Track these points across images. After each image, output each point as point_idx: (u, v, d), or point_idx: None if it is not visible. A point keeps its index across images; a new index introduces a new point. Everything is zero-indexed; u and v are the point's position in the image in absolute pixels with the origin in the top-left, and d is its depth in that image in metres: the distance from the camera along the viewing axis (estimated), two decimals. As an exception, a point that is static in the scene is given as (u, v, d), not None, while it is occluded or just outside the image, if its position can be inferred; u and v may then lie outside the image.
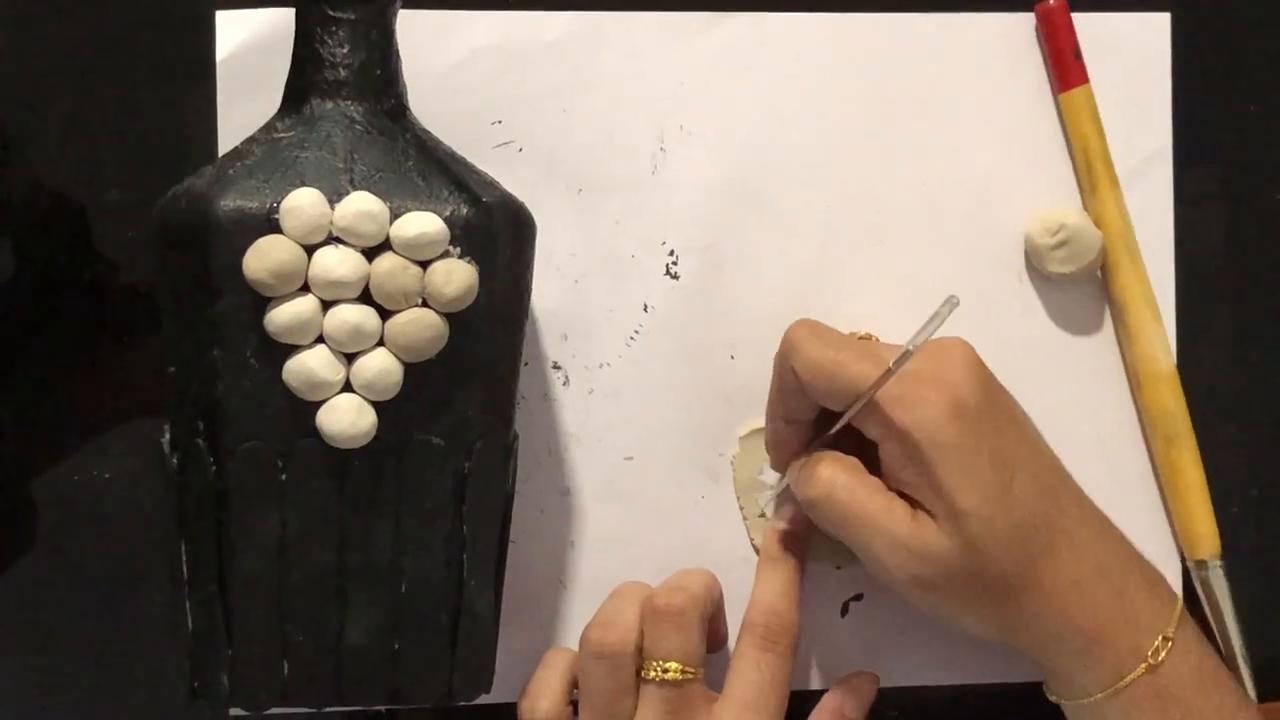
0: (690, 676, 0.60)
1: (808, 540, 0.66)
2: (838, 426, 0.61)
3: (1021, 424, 0.61)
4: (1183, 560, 0.68)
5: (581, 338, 0.67)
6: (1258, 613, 0.68)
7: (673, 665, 0.60)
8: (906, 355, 0.56)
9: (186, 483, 0.56)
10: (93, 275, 0.66)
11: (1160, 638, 0.59)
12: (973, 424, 0.58)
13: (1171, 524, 0.68)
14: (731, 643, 0.66)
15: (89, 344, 0.66)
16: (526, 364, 0.65)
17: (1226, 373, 0.70)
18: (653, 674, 0.60)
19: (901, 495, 0.60)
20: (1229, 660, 0.67)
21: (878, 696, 0.65)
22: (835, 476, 0.60)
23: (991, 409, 0.59)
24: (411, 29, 0.62)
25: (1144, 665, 0.59)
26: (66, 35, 0.66)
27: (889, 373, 0.57)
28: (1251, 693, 0.67)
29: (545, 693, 0.63)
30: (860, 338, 0.64)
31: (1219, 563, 0.67)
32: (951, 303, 0.56)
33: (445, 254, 0.54)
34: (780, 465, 0.65)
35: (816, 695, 0.66)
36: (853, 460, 0.62)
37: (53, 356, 0.65)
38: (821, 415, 0.63)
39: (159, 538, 0.64)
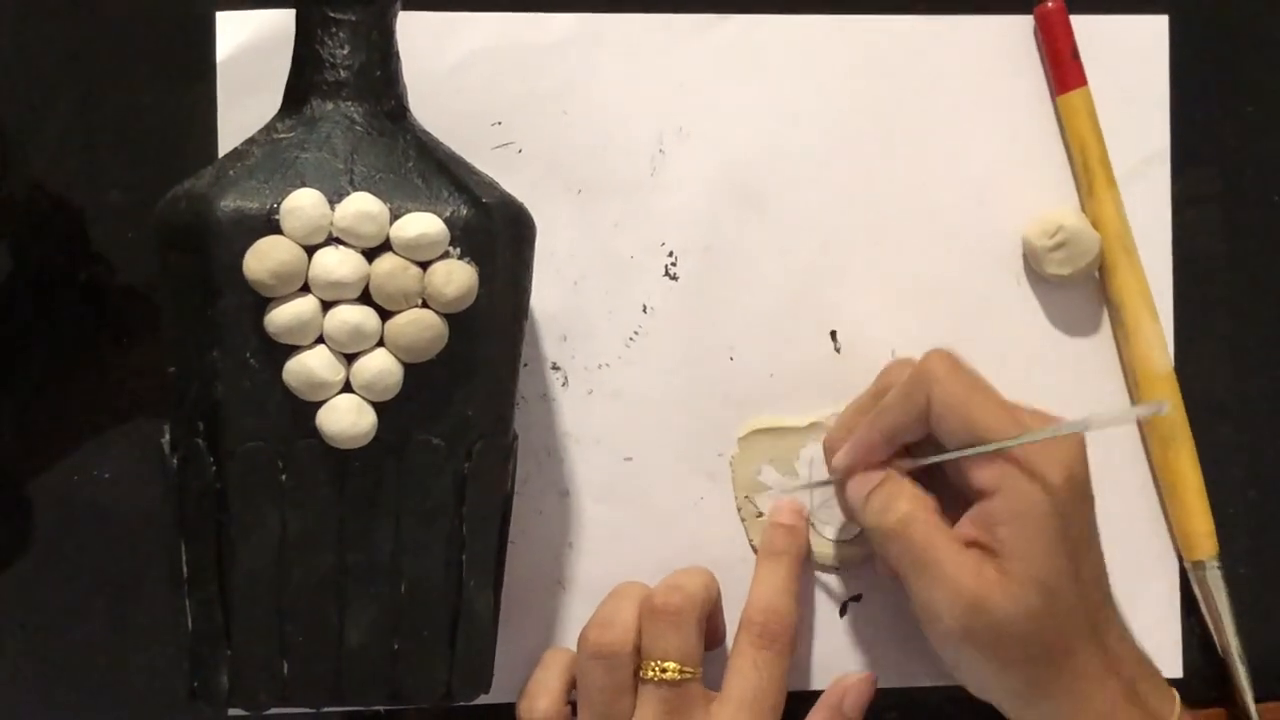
0: (689, 676, 0.60)
1: (806, 537, 0.66)
2: (938, 460, 0.61)
3: (1093, 511, 0.61)
4: (1180, 561, 0.68)
5: (581, 339, 0.67)
6: (1255, 613, 0.68)
7: (671, 665, 0.60)
8: (1058, 430, 0.57)
9: (186, 483, 0.56)
10: (91, 276, 0.66)
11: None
12: (1077, 502, 0.59)
13: (1169, 525, 0.68)
14: (729, 640, 0.66)
15: (88, 344, 0.66)
16: (526, 365, 0.65)
17: (1224, 374, 0.70)
18: (651, 674, 0.60)
19: (969, 544, 0.60)
20: (1226, 661, 0.67)
21: (876, 697, 0.65)
22: (915, 513, 0.60)
23: (1089, 493, 0.60)
24: (411, 30, 0.62)
25: None
26: (67, 36, 0.66)
27: (1033, 438, 0.58)
28: (1248, 693, 0.67)
29: (543, 693, 0.63)
30: None
31: (1216, 563, 0.67)
32: (1156, 408, 0.56)
33: (445, 255, 0.54)
34: (846, 471, 0.64)
35: (815, 696, 0.66)
36: (931, 500, 0.61)
37: (52, 357, 0.65)
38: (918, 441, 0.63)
39: (158, 538, 0.65)
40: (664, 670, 0.60)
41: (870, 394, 0.65)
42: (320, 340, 0.54)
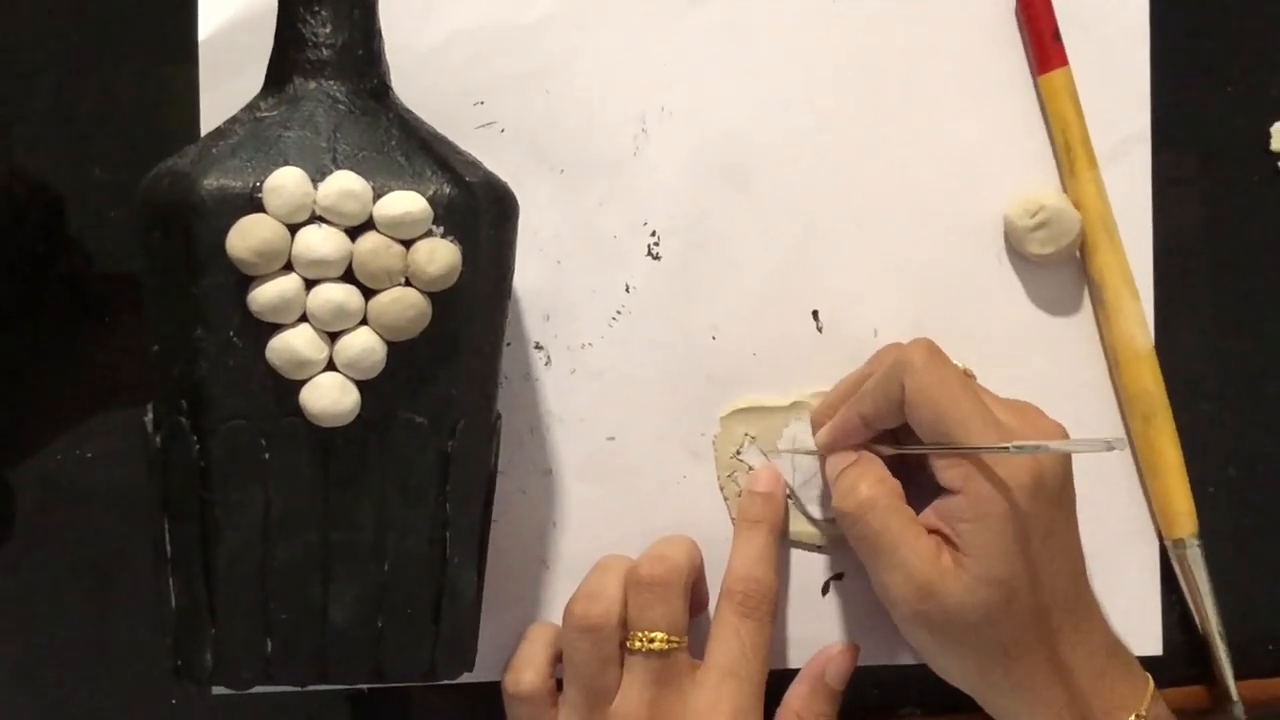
0: (675, 645, 0.61)
1: (783, 505, 0.66)
2: (908, 452, 0.62)
3: (1072, 509, 0.62)
4: (1160, 539, 0.69)
5: (563, 318, 0.67)
6: (1235, 591, 0.69)
7: (658, 635, 0.61)
8: (1035, 449, 0.57)
9: (170, 462, 0.56)
10: (71, 258, 0.66)
11: (1134, 716, 0.60)
12: (1045, 503, 0.59)
13: (1149, 503, 0.69)
14: (712, 609, 0.66)
15: (69, 324, 0.66)
16: (509, 344, 0.65)
17: (1204, 352, 0.70)
18: (638, 645, 0.61)
19: (931, 531, 0.61)
20: (1206, 639, 0.68)
21: (858, 674, 0.66)
22: (876, 499, 0.61)
23: (1061, 492, 0.60)
24: (393, 9, 0.62)
25: None
26: (48, 15, 0.66)
27: (1002, 449, 0.58)
28: (1228, 671, 0.67)
29: (529, 665, 0.63)
30: (964, 371, 0.64)
31: (1196, 541, 0.67)
32: (1113, 444, 0.56)
33: (428, 233, 0.54)
34: (825, 448, 0.65)
35: (796, 674, 0.66)
36: (895, 484, 0.62)
37: (32, 338, 0.65)
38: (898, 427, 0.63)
39: (141, 517, 0.64)
40: (651, 641, 0.61)
41: (858, 375, 0.65)
42: (303, 319, 0.54)
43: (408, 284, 0.54)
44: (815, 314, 0.68)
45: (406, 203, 0.54)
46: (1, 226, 0.66)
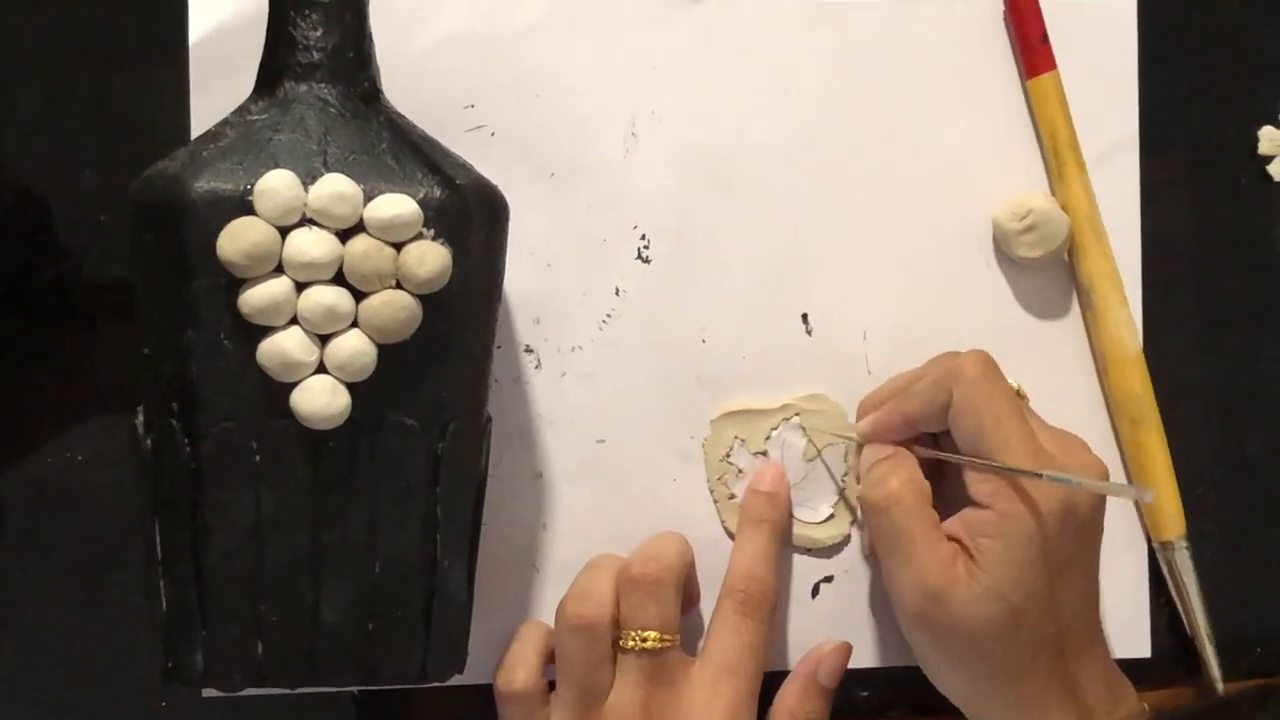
0: (669, 643, 0.61)
1: (786, 505, 0.67)
2: (944, 458, 0.63)
3: (1097, 543, 0.62)
4: (1149, 541, 0.69)
5: (554, 321, 0.67)
6: (1223, 593, 0.69)
7: (651, 634, 0.61)
8: (1065, 482, 0.57)
9: (160, 464, 0.56)
10: (62, 260, 0.65)
11: None
12: (1071, 534, 0.59)
13: (1138, 505, 0.69)
14: (705, 606, 0.66)
15: (60, 328, 0.65)
16: (499, 347, 0.65)
17: (1192, 356, 0.70)
18: (631, 643, 0.61)
19: (952, 539, 0.61)
20: (1194, 641, 0.68)
21: (847, 676, 0.66)
22: (903, 494, 0.61)
23: (1090, 526, 0.61)
24: (384, 12, 0.62)
25: None
26: (38, 18, 0.66)
27: (1036, 476, 0.58)
28: (1216, 673, 0.68)
29: (521, 665, 0.63)
30: (1016, 390, 0.65)
31: (1185, 543, 0.68)
32: (1143, 495, 0.58)
33: (419, 236, 0.55)
34: (865, 438, 0.66)
35: (787, 676, 0.66)
36: (924, 486, 0.62)
37: (24, 342, 0.65)
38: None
39: (132, 519, 0.64)
40: (644, 639, 0.61)
41: (911, 374, 0.66)
42: (294, 321, 0.54)
43: (398, 286, 0.54)
44: (805, 317, 0.68)
45: (397, 205, 0.54)
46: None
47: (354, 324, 0.54)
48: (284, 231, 0.53)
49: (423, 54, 0.67)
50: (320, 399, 0.54)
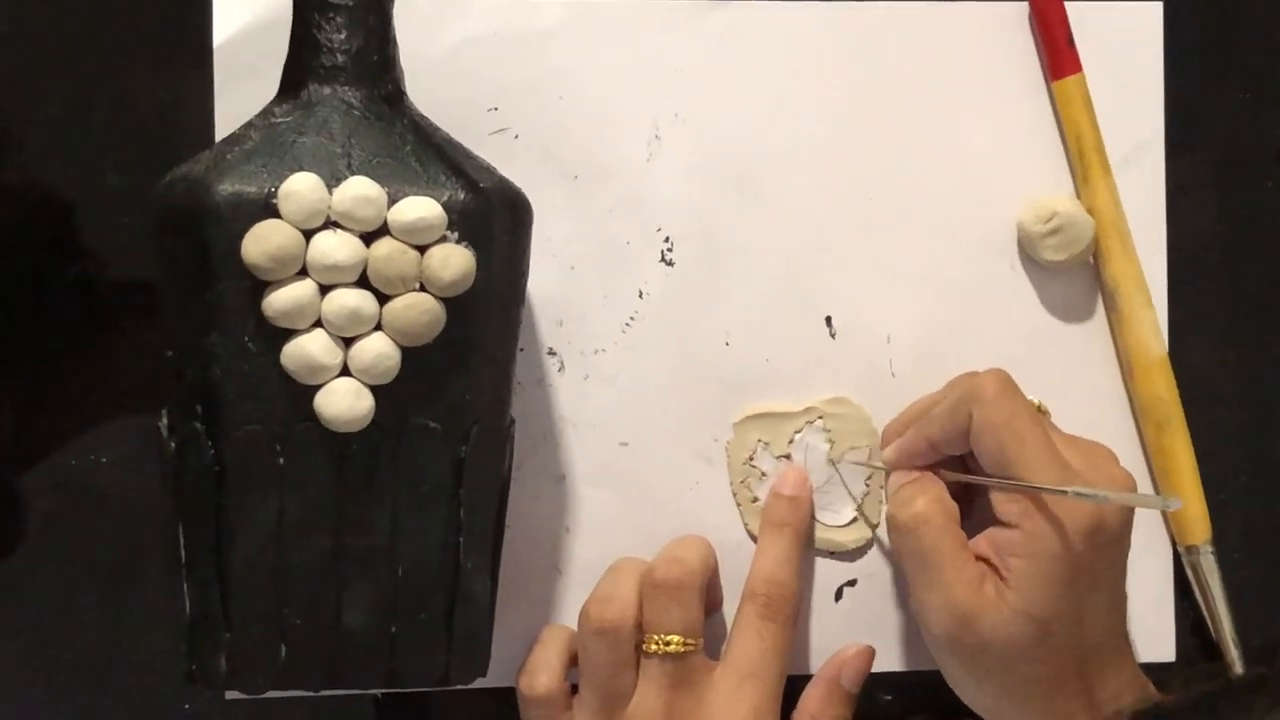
0: (691, 647, 0.61)
1: (809, 509, 0.66)
2: (970, 481, 0.63)
3: (1125, 557, 0.62)
4: (1174, 545, 0.69)
5: (577, 324, 0.67)
6: (1248, 597, 0.69)
7: (674, 638, 0.61)
8: (1092, 497, 0.57)
9: (184, 467, 0.56)
10: (86, 263, 0.66)
11: None
12: (1099, 550, 0.59)
13: (1164, 511, 0.69)
14: (727, 609, 0.66)
15: (84, 331, 0.66)
16: (522, 350, 0.65)
17: (1218, 359, 0.70)
18: (654, 647, 0.61)
19: (980, 559, 0.61)
20: (1219, 645, 0.68)
21: (869, 680, 0.66)
22: (931, 514, 0.61)
23: (1118, 541, 0.60)
24: (408, 15, 0.62)
25: None
26: (63, 20, 0.66)
27: (1061, 493, 0.58)
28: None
29: (544, 669, 0.63)
30: (1037, 407, 0.65)
31: (1210, 548, 0.67)
32: (1170, 504, 0.57)
33: (443, 239, 0.55)
34: (891, 466, 0.65)
35: (809, 680, 0.66)
36: (952, 507, 0.62)
37: (47, 344, 0.65)
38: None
39: (156, 522, 0.65)
40: (668, 643, 0.61)
41: (932, 397, 0.66)
42: (318, 324, 0.54)
43: (422, 289, 0.54)
44: (828, 320, 0.68)
45: (421, 208, 0.54)
46: (13, 232, 0.66)
47: (378, 327, 0.54)
48: (308, 234, 0.53)
49: (446, 56, 0.67)
50: (344, 402, 0.54)
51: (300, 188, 0.53)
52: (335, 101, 0.57)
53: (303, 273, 0.54)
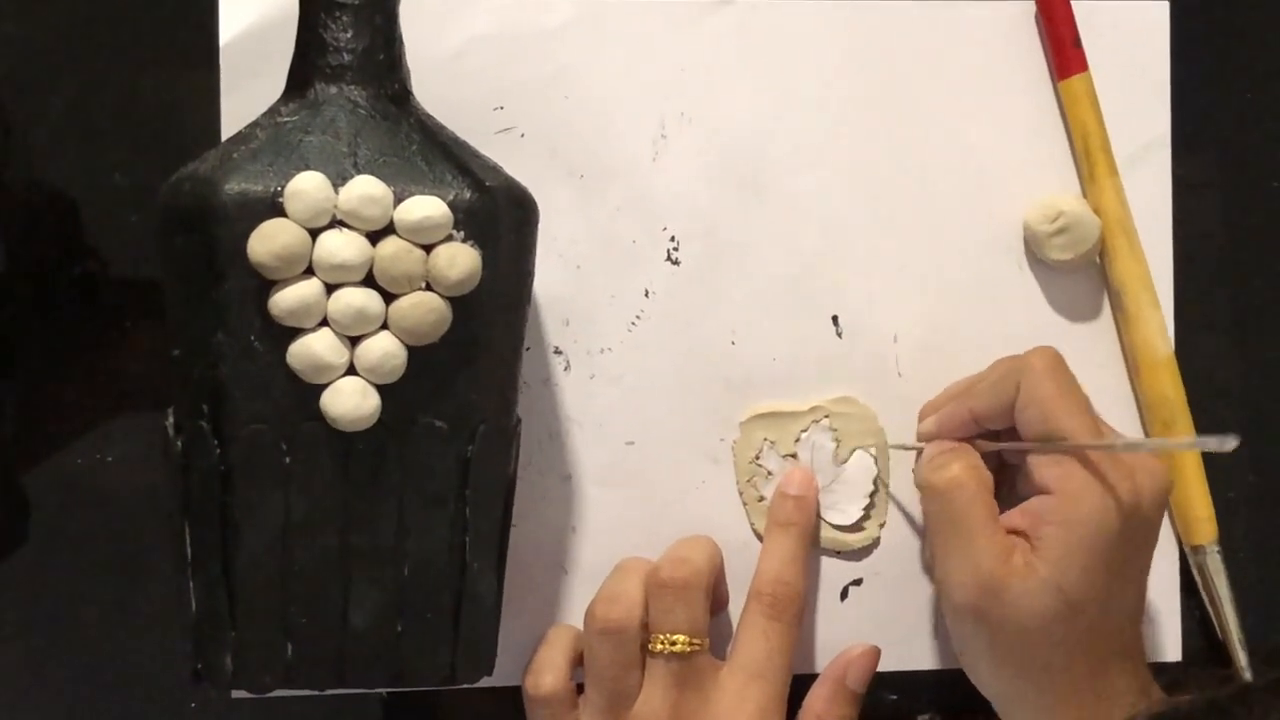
0: (697, 647, 0.61)
1: (815, 508, 0.66)
2: (1012, 449, 0.62)
3: (1153, 546, 0.61)
4: (1180, 545, 0.69)
5: (583, 323, 0.67)
6: (1254, 598, 0.69)
7: (680, 638, 0.61)
8: (1137, 446, 0.58)
9: (190, 465, 0.56)
10: (92, 262, 0.66)
11: None
12: (1134, 527, 0.59)
13: (1169, 509, 0.69)
14: (733, 609, 0.66)
15: (90, 330, 0.66)
16: (528, 349, 0.65)
17: (1224, 359, 0.70)
18: (660, 647, 0.61)
19: (1012, 531, 0.60)
20: (1226, 645, 0.68)
21: (876, 680, 0.66)
22: (965, 479, 0.61)
23: (1151, 522, 0.60)
24: (414, 14, 0.62)
25: None
26: (69, 20, 0.66)
27: (1109, 446, 0.58)
28: (1249, 677, 0.67)
29: (549, 668, 0.63)
30: None
31: (1216, 548, 0.67)
32: (1223, 442, 0.55)
33: (449, 238, 0.54)
34: (928, 437, 0.66)
35: (815, 679, 0.66)
36: (987, 476, 0.62)
37: (53, 343, 0.65)
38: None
39: (162, 521, 0.64)
40: (674, 643, 0.61)
41: (972, 379, 0.66)
42: (324, 323, 0.54)
43: (428, 288, 0.54)
44: (835, 319, 0.68)
45: (427, 207, 0.54)
46: (19, 231, 0.66)
47: (384, 326, 0.54)
48: (314, 233, 0.53)
49: (452, 56, 0.67)
50: (350, 401, 0.54)
51: (306, 187, 0.53)
52: (341, 101, 0.57)
53: (309, 272, 0.54)
